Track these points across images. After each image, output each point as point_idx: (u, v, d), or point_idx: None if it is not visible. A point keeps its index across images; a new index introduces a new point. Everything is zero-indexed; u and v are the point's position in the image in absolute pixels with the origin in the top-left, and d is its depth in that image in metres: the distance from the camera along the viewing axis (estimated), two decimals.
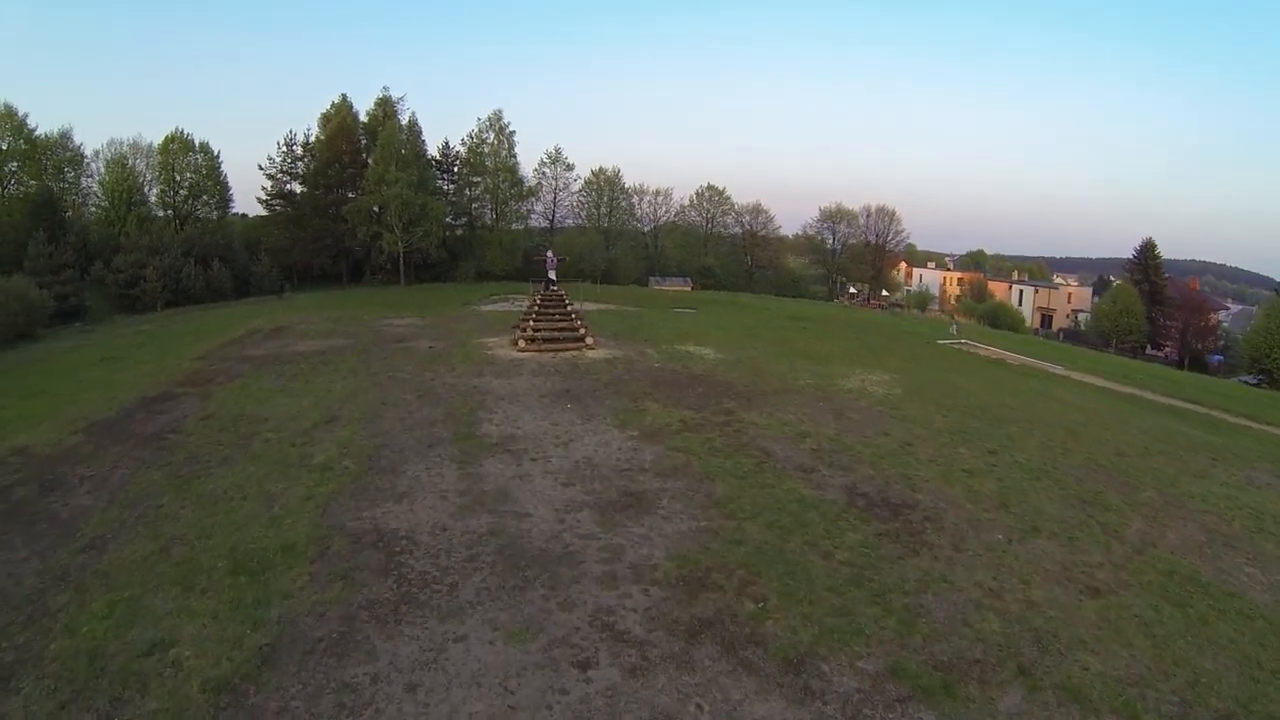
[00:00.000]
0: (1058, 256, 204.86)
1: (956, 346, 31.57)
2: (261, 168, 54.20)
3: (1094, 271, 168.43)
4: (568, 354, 21.09)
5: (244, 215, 62.73)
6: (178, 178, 53.44)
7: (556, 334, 22.69)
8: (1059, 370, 27.69)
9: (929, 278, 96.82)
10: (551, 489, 10.41)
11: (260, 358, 20.48)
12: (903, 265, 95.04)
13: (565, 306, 26.16)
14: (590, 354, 21.13)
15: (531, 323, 23.13)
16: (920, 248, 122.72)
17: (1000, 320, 53.41)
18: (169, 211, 53.33)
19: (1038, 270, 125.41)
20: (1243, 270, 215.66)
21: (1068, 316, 77.77)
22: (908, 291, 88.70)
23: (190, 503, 9.96)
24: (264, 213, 55.55)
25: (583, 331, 22.67)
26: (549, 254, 31.34)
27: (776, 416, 14.88)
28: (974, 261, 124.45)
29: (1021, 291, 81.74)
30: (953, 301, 79.66)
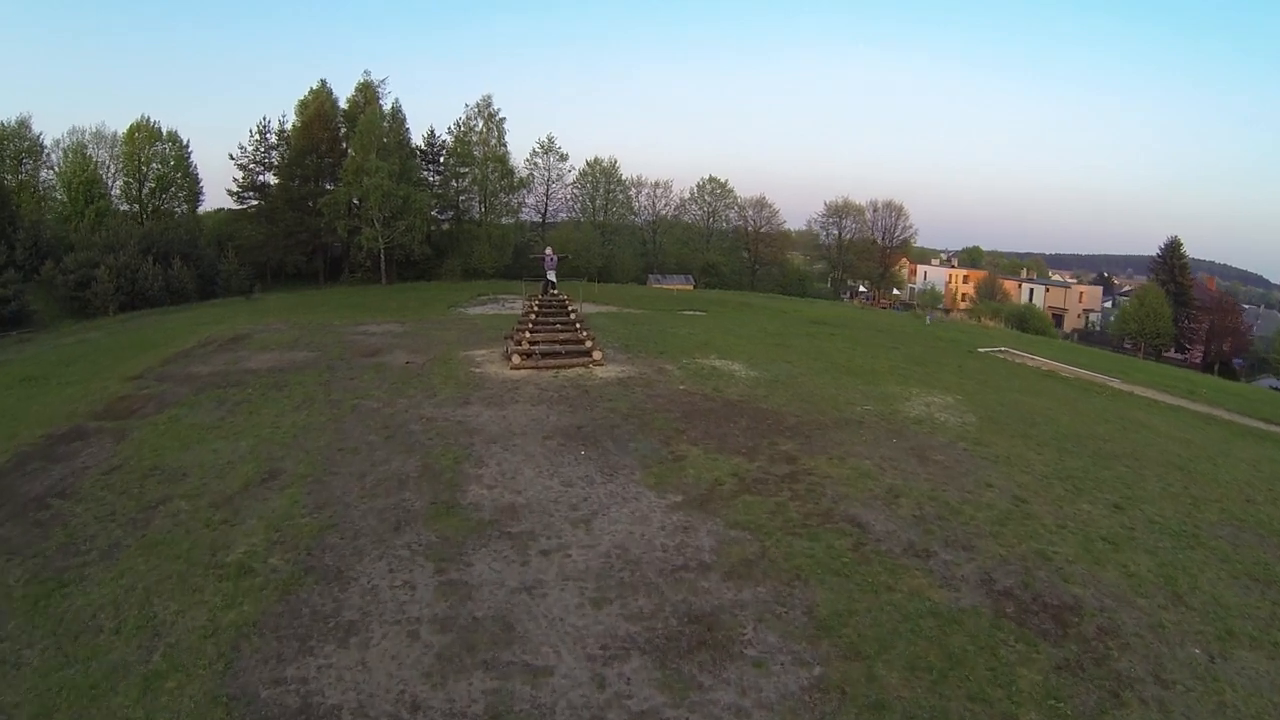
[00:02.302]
0: (1048, 253, 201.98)
1: (999, 355, 28.48)
2: (233, 157, 50.46)
3: (1085, 268, 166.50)
4: (571, 372, 17.70)
5: (228, 210, 58.76)
6: (144, 169, 49.54)
7: (558, 346, 19.20)
8: (1119, 384, 24.65)
9: (934, 275, 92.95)
10: (577, 612, 7.03)
11: (204, 378, 17.01)
12: (905, 261, 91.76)
13: (568, 313, 22.46)
14: (599, 372, 17.78)
15: (528, 333, 19.58)
16: (915, 244, 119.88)
17: (1029, 323, 50.30)
18: (134, 205, 49.40)
19: (1037, 267, 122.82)
20: (1232, 267, 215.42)
21: (1079, 316, 75.04)
22: (913, 289, 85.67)
23: (42, 636, 6.65)
24: (236, 206, 51.79)
25: (589, 344, 19.19)
26: (548, 251, 27.51)
27: (850, 463, 11.63)
28: (971, 258, 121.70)
29: (1032, 290, 78.65)
30: (961, 301, 76.46)
